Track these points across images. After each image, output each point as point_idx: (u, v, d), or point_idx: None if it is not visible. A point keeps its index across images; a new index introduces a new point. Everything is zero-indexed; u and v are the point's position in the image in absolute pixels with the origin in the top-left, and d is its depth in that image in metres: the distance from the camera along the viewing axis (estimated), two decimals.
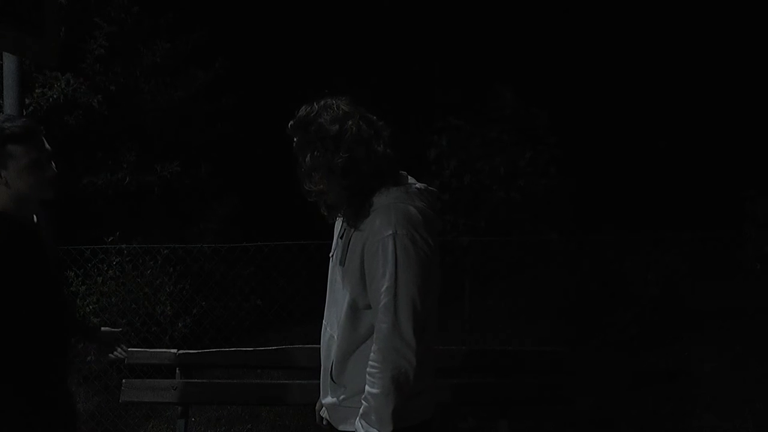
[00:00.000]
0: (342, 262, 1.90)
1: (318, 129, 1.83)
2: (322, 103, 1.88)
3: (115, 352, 2.53)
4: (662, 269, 5.87)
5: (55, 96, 5.60)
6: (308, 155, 1.84)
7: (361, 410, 1.80)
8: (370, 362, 1.79)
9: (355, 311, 1.86)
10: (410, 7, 10.36)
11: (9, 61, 3.54)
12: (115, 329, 2.57)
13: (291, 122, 1.89)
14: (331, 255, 2.04)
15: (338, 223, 2.02)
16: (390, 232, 1.77)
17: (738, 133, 9.55)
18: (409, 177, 1.96)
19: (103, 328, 2.53)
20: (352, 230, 1.88)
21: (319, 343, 2.03)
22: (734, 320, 5.97)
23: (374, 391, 1.76)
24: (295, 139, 1.89)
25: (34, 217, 2.20)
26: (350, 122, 1.84)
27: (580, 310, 6.14)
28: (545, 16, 10.43)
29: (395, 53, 10.17)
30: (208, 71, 6.93)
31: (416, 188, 1.91)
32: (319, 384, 2.02)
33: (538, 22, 10.40)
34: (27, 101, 5.36)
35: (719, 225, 5.68)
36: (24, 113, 3.72)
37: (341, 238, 1.96)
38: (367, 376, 1.79)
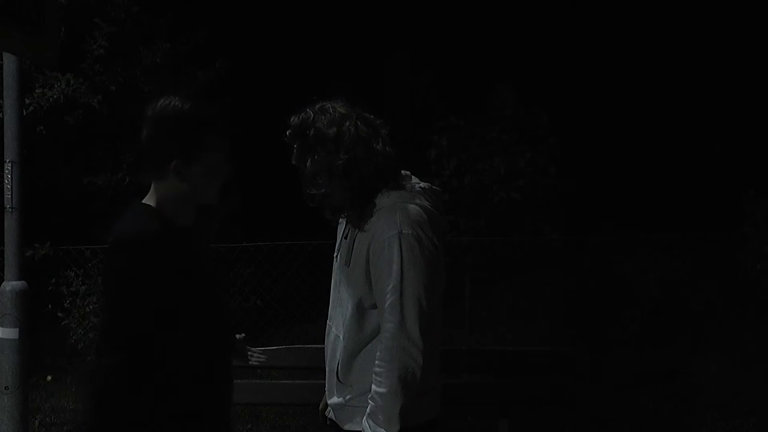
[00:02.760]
0: (347, 263, 1.90)
1: (316, 133, 1.84)
2: (317, 107, 1.89)
3: (252, 358, 2.27)
4: (662, 269, 5.88)
5: (55, 96, 5.60)
6: (309, 160, 1.85)
7: (368, 410, 1.80)
8: (376, 361, 1.79)
9: (361, 311, 1.86)
10: (410, 7, 10.36)
11: (9, 61, 3.55)
12: (239, 335, 2.25)
13: (288, 131, 1.90)
14: (335, 255, 2.04)
15: (342, 224, 2.03)
16: (395, 231, 1.77)
17: (738, 134, 9.55)
18: (413, 176, 1.96)
19: (237, 336, 2.22)
20: (357, 230, 1.88)
21: (323, 343, 2.04)
22: (734, 320, 5.97)
23: (381, 390, 1.76)
24: (294, 147, 1.89)
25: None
26: (348, 123, 1.84)
27: (580, 310, 6.14)
28: (545, 17, 10.43)
29: (395, 53, 10.17)
30: (208, 71, 6.93)
31: (420, 187, 1.91)
32: (319, 384, 2.02)
33: (537, 22, 10.40)
34: (27, 101, 5.36)
35: (719, 225, 5.68)
36: (24, 113, 3.72)
37: (345, 238, 1.96)
38: (373, 375, 1.79)
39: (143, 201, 1.73)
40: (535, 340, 5.82)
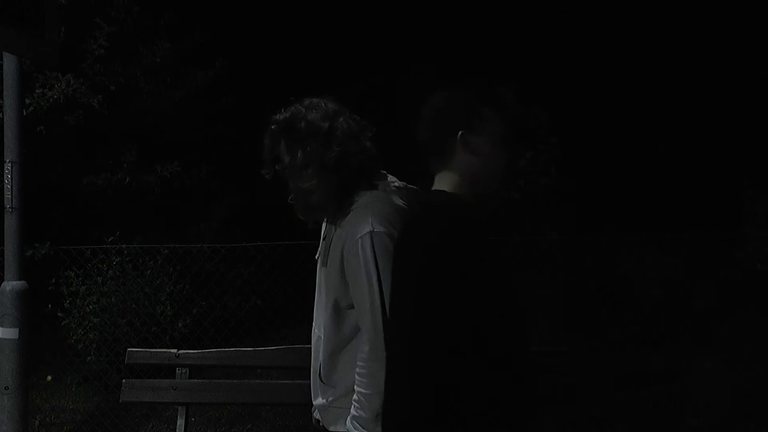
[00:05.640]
0: (324, 264, 1.91)
1: (308, 126, 1.85)
2: (307, 102, 1.91)
3: None
4: (662, 269, 5.87)
5: (55, 96, 5.60)
6: (299, 151, 1.85)
7: (351, 411, 1.79)
8: (358, 362, 1.78)
9: (338, 311, 1.87)
10: (410, 7, 10.36)
11: (9, 61, 3.55)
12: None
13: (274, 125, 1.89)
14: (317, 257, 2.05)
15: (324, 226, 2.03)
16: (367, 230, 1.77)
17: (737, 134, 9.54)
18: (389, 175, 1.97)
19: None
20: (333, 231, 1.90)
21: None
22: (734, 320, 5.97)
23: (365, 391, 1.76)
24: (282, 141, 1.89)
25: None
26: (341, 119, 1.87)
27: (580, 310, 6.14)
28: (545, 16, 10.43)
29: (395, 53, 10.17)
30: (208, 71, 6.94)
31: (395, 186, 1.91)
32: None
33: (537, 22, 10.40)
34: (27, 101, 5.36)
35: (719, 225, 5.68)
36: (24, 113, 3.72)
37: (324, 239, 1.97)
38: (356, 376, 1.78)
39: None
40: (535, 340, 5.81)
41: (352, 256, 1.79)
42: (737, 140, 9.41)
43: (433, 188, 1.71)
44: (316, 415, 2.01)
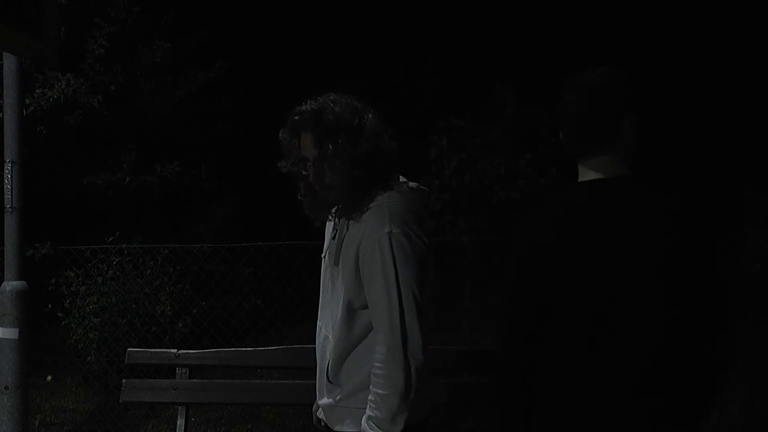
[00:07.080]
0: (336, 263, 1.90)
1: (338, 120, 1.81)
2: (332, 97, 1.87)
3: None
4: None
5: (55, 96, 5.60)
6: (329, 144, 1.80)
7: (367, 411, 1.78)
8: (375, 363, 1.77)
9: (350, 312, 1.85)
10: (410, 7, 10.36)
11: (9, 61, 3.55)
12: None
13: (298, 116, 1.85)
14: (323, 256, 2.03)
15: (329, 225, 2.02)
16: (386, 230, 1.76)
17: (738, 133, 9.55)
18: (401, 176, 1.96)
19: None
20: (345, 230, 1.88)
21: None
22: (734, 320, 5.97)
23: (381, 392, 1.75)
24: (306, 133, 1.84)
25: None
26: (370, 115, 1.86)
27: None
28: (545, 16, 10.43)
29: (395, 53, 10.17)
30: (208, 71, 6.94)
31: (408, 187, 1.91)
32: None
33: (538, 22, 10.41)
34: (27, 101, 5.36)
35: (719, 225, 5.68)
36: (24, 113, 3.72)
37: (333, 238, 1.95)
38: (372, 377, 1.77)
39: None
40: None
41: (368, 256, 1.77)
42: (737, 140, 9.41)
43: (595, 176, 1.68)
44: (320, 414, 2.00)
